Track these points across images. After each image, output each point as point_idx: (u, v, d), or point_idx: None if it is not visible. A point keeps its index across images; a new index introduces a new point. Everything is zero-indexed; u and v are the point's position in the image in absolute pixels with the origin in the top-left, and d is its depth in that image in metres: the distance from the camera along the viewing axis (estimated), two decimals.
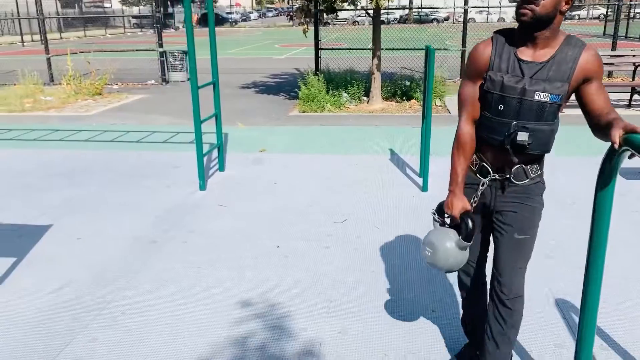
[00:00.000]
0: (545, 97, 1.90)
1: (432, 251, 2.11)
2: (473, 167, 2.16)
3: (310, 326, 2.87)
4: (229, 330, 2.85)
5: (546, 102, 1.90)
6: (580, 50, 1.91)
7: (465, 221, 2.08)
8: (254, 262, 3.62)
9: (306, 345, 2.71)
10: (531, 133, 1.95)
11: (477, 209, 2.19)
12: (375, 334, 2.79)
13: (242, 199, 4.81)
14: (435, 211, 2.22)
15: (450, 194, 2.13)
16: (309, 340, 2.75)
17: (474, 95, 2.06)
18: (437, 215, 2.21)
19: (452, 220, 2.14)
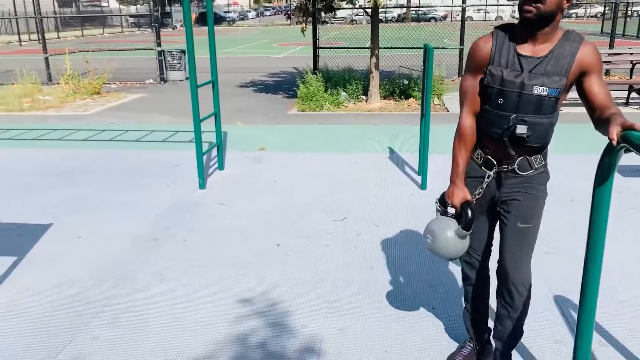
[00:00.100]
0: (543, 91, 1.95)
1: (432, 239, 2.19)
2: (478, 161, 2.21)
3: (311, 323, 2.89)
4: (229, 328, 2.86)
5: (544, 95, 1.95)
6: (578, 45, 1.95)
7: (465, 211, 2.14)
8: (254, 260, 3.63)
9: (307, 343, 2.72)
10: (530, 126, 2.00)
11: (483, 201, 2.24)
12: (375, 331, 2.81)
13: (242, 198, 4.82)
14: (438, 201, 2.29)
15: (451, 184, 2.21)
16: (309, 337, 2.77)
17: (475, 89, 2.12)
18: (439, 205, 2.28)
19: (456, 210, 2.21)
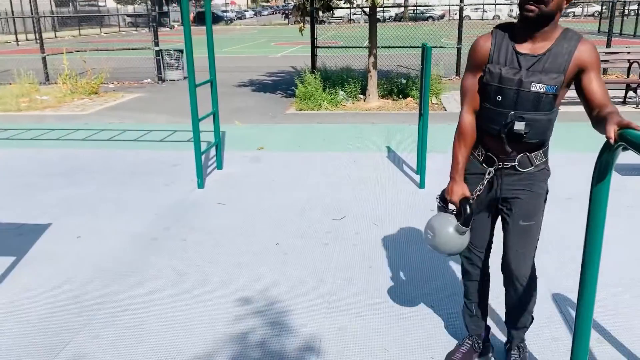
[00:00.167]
0: (541, 88, 1.98)
1: (433, 235, 2.24)
2: (479, 158, 2.24)
3: (310, 322, 2.90)
4: (229, 327, 2.87)
5: (542, 92, 1.98)
6: (576, 43, 1.98)
7: (464, 207, 2.18)
8: (253, 259, 3.64)
9: (306, 342, 2.74)
10: (528, 122, 2.03)
11: (483, 197, 2.27)
12: (375, 330, 2.82)
13: (241, 197, 4.83)
14: (439, 197, 2.33)
15: (451, 181, 2.25)
16: (309, 336, 2.78)
17: (474, 87, 2.16)
18: (440, 202, 2.32)
19: (455, 207, 2.25)
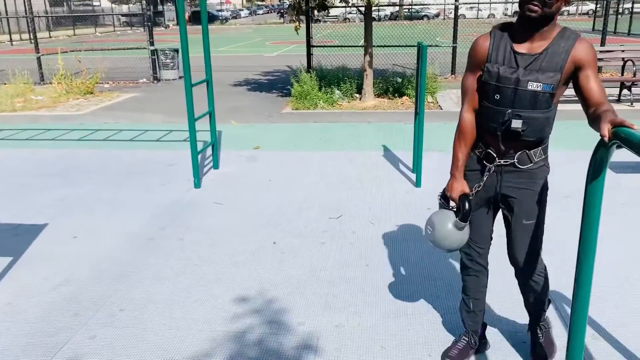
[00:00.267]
0: (538, 87, 2.02)
1: (432, 230, 2.29)
2: (479, 155, 2.27)
3: (308, 321, 2.91)
4: (226, 326, 2.88)
5: (539, 91, 2.02)
6: (573, 42, 2.01)
7: (463, 203, 2.23)
8: (250, 258, 3.65)
9: (304, 339, 2.75)
10: (525, 120, 2.06)
11: (483, 194, 2.31)
12: (372, 327, 2.83)
13: (238, 196, 4.84)
14: (440, 195, 2.39)
15: (451, 178, 2.30)
16: (306, 334, 2.79)
17: (474, 86, 2.20)
18: (441, 199, 2.37)
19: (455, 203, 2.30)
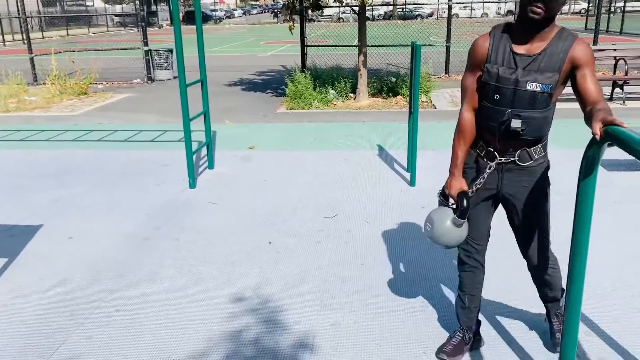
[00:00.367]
0: (536, 87, 2.06)
1: (431, 227, 2.32)
2: (480, 153, 2.31)
3: (304, 319, 2.92)
4: (223, 326, 2.89)
5: (537, 91, 2.06)
6: (571, 43, 2.05)
7: (461, 200, 2.27)
8: (245, 258, 3.66)
9: (300, 338, 2.76)
10: (524, 120, 2.10)
11: (483, 191, 2.35)
12: (367, 325, 2.85)
13: (233, 196, 4.85)
14: (440, 192, 2.42)
15: (450, 176, 2.34)
16: (302, 333, 2.80)
17: (474, 86, 2.24)
18: (441, 196, 2.41)
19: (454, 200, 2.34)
